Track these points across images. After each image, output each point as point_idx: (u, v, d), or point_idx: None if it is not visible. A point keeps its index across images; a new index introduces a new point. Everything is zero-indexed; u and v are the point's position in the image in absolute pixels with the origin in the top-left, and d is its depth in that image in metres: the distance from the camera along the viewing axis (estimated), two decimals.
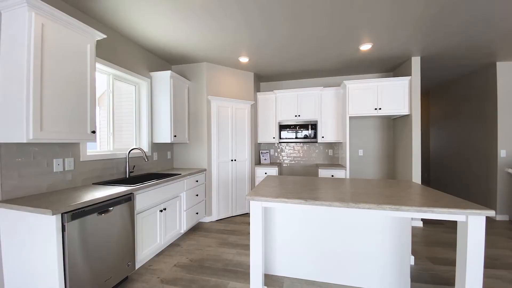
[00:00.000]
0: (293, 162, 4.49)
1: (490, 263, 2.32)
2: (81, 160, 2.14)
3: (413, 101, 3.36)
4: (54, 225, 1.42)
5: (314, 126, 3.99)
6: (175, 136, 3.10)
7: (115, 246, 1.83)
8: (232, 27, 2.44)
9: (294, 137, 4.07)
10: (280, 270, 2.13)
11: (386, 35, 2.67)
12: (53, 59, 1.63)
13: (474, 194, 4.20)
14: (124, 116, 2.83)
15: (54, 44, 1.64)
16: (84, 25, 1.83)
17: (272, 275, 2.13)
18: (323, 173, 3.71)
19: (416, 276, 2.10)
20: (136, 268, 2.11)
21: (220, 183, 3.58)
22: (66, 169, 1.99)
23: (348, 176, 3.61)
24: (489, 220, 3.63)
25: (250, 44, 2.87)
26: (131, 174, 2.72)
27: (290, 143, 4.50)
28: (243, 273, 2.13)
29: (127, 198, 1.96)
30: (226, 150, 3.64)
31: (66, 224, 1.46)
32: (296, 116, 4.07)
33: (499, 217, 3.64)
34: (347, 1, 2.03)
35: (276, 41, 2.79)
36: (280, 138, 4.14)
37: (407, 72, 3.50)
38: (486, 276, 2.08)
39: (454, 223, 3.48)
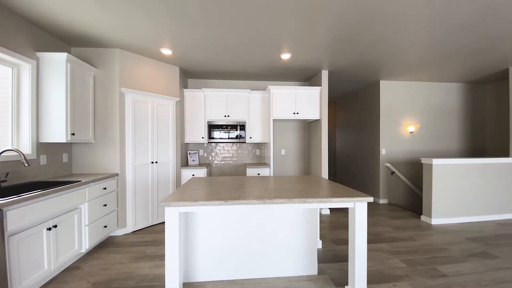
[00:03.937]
0: (223, 162, 4.46)
1: (373, 238, 2.94)
2: None
3: (322, 108, 3.92)
4: None
5: (243, 126, 4.08)
6: (73, 134, 2.53)
7: None
8: (143, 12, 2.18)
9: (225, 137, 4.05)
10: (203, 275, 2.05)
11: (301, 48, 3.00)
12: None
13: (365, 183, 5.28)
14: None
15: None
16: None
17: (193, 283, 2.02)
18: (250, 172, 3.85)
19: (323, 257, 2.43)
20: None
21: (137, 189, 3.16)
22: None
23: (272, 174, 3.87)
24: (374, 203, 4.62)
25: (170, 36, 2.65)
26: (3, 184, 2.05)
27: (220, 143, 4.45)
28: (161, 287, 1.94)
29: None
30: (145, 151, 3.25)
31: None
32: (225, 116, 4.06)
33: (381, 201, 4.70)
34: (254, 11, 2.14)
35: (199, 38, 2.68)
36: (209, 138, 4.03)
37: (319, 83, 4.05)
38: (370, 250, 2.62)
39: None
